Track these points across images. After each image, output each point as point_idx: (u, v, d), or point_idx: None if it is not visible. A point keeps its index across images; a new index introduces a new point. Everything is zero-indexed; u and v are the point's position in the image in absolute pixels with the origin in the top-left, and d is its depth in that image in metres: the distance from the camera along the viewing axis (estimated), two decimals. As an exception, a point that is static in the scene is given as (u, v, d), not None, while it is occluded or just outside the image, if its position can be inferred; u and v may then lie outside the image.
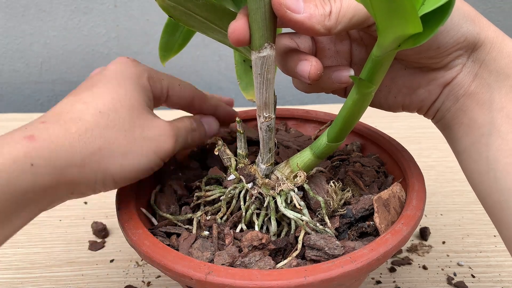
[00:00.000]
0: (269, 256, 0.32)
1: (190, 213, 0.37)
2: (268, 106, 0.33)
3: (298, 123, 0.50)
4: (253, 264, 0.31)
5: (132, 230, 0.33)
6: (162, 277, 0.47)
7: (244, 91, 0.44)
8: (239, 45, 0.30)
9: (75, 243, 0.52)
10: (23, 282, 0.46)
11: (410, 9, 0.22)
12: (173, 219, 0.37)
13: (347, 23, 0.29)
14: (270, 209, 0.34)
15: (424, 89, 0.34)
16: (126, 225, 0.33)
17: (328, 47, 0.35)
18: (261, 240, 0.33)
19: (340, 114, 0.32)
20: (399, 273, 0.46)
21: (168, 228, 0.36)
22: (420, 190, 0.35)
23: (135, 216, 0.34)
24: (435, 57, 0.31)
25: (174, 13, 0.32)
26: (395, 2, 0.22)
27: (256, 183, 0.35)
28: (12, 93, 0.96)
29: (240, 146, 0.38)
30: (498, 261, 0.48)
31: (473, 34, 0.30)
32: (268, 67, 0.30)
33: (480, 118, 0.31)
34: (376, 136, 0.44)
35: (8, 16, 0.88)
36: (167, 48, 0.42)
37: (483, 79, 0.31)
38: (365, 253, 0.29)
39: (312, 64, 0.30)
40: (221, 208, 0.36)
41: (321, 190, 0.36)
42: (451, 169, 0.64)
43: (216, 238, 0.34)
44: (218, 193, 0.37)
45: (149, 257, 0.30)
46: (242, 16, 0.29)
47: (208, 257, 0.32)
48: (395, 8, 0.22)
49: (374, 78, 0.29)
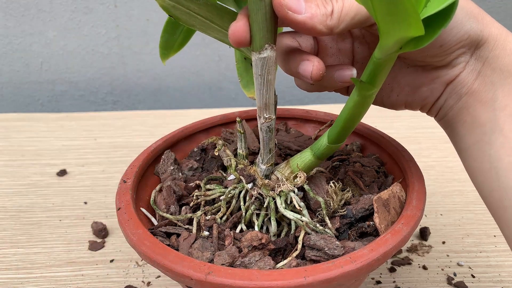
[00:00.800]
0: (269, 256, 0.32)
1: (190, 213, 0.37)
2: (268, 107, 0.33)
3: (298, 123, 0.50)
4: (253, 264, 0.31)
5: (132, 230, 0.33)
6: (162, 277, 0.47)
7: (245, 89, 0.44)
8: (240, 46, 0.30)
9: (75, 243, 0.52)
10: (23, 282, 0.46)
11: (412, 12, 0.22)
12: (173, 219, 0.37)
13: (349, 23, 0.29)
14: (270, 209, 0.34)
15: (427, 87, 0.33)
16: (126, 225, 0.33)
17: (330, 45, 0.35)
18: (261, 240, 0.33)
19: (341, 116, 0.32)
20: (399, 273, 0.46)
21: (168, 228, 0.36)
22: (420, 190, 0.35)
23: (135, 216, 0.34)
24: (438, 56, 0.31)
25: (174, 12, 0.32)
26: (397, 5, 0.22)
27: (256, 183, 0.35)
28: (12, 93, 0.96)
29: (241, 146, 0.38)
30: (498, 261, 0.48)
31: (476, 31, 0.30)
32: (268, 68, 0.30)
33: (483, 116, 0.31)
34: (376, 136, 0.44)
35: (8, 16, 0.88)
36: (168, 46, 0.42)
37: (486, 76, 0.31)
38: (365, 253, 0.29)
39: (314, 64, 0.30)
40: (221, 208, 0.36)
41: (321, 190, 0.36)
42: (451, 169, 0.64)
43: (216, 238, 0.34)
44: (218, 192, 0.37)
45: (149, 257, 0.30)
46: (243, 17, 0.29)
47: (208, 257, 0.32)
48: (396, 11, 0.22)
49: (375, 81, 0.29)
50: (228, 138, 0.47)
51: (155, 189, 0.40)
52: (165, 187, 0.39)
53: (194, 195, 0.38)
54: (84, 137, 0.75)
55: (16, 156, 0.70)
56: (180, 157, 0.45)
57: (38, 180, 0.64)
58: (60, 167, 0.67)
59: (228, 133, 0.47)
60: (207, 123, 0.48)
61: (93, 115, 0.83)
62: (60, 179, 0.64)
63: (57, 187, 0.62)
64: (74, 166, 0.67)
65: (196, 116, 0.63)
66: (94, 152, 0.71)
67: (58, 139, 0.75)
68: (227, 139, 0.47)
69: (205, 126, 0.48)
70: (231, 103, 0.98)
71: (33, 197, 0.60)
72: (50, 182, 0.63)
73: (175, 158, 0.43)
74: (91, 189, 0.62)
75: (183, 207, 0.38)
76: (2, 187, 0.62)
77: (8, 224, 0.55)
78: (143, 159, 0.41)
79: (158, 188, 0.40)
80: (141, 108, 0.98)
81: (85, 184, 0.63)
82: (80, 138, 0.75)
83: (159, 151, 0.44)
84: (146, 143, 0.47)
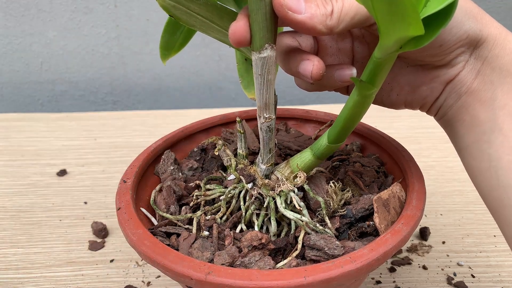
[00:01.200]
0: (269, 256, 0.32)
1: (190, 213, 0.37)
2: (268, 106, 0.33)
3: (298, 123, 0.50)
4: (253, 264, 0.31)
5: (132, 230, 0.33)
6: (162, 277, 0.47)
7: (246, 90, 0.44)
8: (240, 46, 0.30)
9: (75, 243, 0.52)
10: (23, 282, 0.46)
11: (412, 11, 0.22)
12: (173, 219, 0.37)
13: (349, 22, 0.29)
14: (270, 209, 0.35)
15: (427, 86, 0.33)
16: (126, 225, 0.33)
17: (329, 45, 0.35)
18: (261, 240, 0.33)
19: (341, 116, 0.32)
20: (399, 273, 0.46)
21: (168, 228, 0.36)
22: (420, 190, 0.35)
23: (135, 216, 0.34)
24: (438, 55, 0.31)
25: (174, 12, 0.32)
26: (397, 4, 0.22)
27: (256, 183, 0.35)
28: (12, 93, 0.96)
29: (241, 146, 0.38)
30: (498, 261, 0.48)
31: (475, 31, 0.30)
32: (268, 68, 0.30)
33: (482, 115, 0.31)
34: (376, 136, 0.44)
35: (8, 16, 0.88)
36: (168, 47, 0.42)
37: (485, 76, 0.31)
38: (365, 253, 0.29)
39: (314, 64, 0.30)
40: (221, 208, 0.36)
41: (321, 190, 0.36)
42: (451, 169, 0.64)
43: (216, 238, 0.34)
44: (218, 192, 0.37)
45: (149, 257, 0.30)
46: (243, 17, 0.29)
47: (208, 257, 0.32)
48: (396, 11, 0.22)
49: (375, 80, 0.29)
50: (228, 138, 0.47)
51: (155, 189, 0.40)
52: (165, 187, 0.39)
53: (194, 195, 0.38)
54: (84, 137, 0.75)
55: (16, 156, 0.70)
56: (180, 157, 0.45)
57: (38, 180, 0.64)
58: (60, 167, 0.67)
59: (228, 133, 0.47)
60: (207, 123, 0.48)
61: (93, 115, 0.83)
62: (60, 179, 0.64)
63: (57, 187, 0.62)
64: (74, 166, 0.67)
65: (196, 116, 0.63)
66: (94, 152, 0.71)
67: (58, 139, 0.75)
68: (227, 139, 0.47)
69: (205, 126, 0.48)
70: (231, 103, 0.98)
71: (33, 197, 0.60)
72: (50, 182, 0.63)
73: (175, 158, 0.43)
74: (91, 189, 0.62)
75: (183, 207, 0.38)
76: (2, 187, 0.62)
77: (8, 224, 0.55)
78: (143, 159, 0.41)
79: (158, 188, 0.40)
80: (141, 108, 0.98)
81: (85, 184, 0.63)
82: (80, 138, 0.75)
83: (159, 151, 0.44)
84: (146, 143, 0.47)
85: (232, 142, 0.46)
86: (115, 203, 0.36)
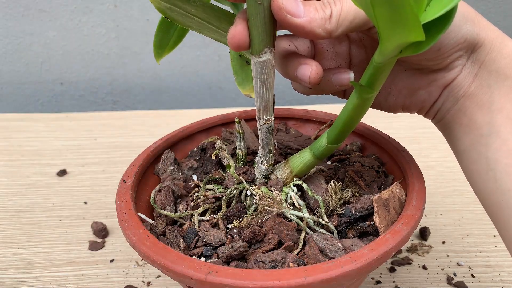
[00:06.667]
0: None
1: (190, 210, 0.37)
2: (268, 109, 0.33)
3: (298, 123, 0.50)
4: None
5: (132, 230, 0.33)
6: (162, 277, 0.47)
7: (240, 86, 0.44)
8: (239, 50, 0.30)
9: (75, 243, 0.52)
10: (23, 282, 0.46)
11: (413, 18, 0.22)
12: (175, 217, 0.37)
13: (348, 26, 0.29)
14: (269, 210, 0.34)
15: (424, 90, 0.34)
16: (126, 225, 0.33)
17: (327, 48, 0.35)
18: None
19: (340, 117, 0.32)
20: (399, 273, 0.47)
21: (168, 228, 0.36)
22: (420, 190, 0.35)
23: (135, 216, 0.34)
24: (436, 59, 0.31)
25: (170, 14, 0.32)
26: (398, 10, 0.22)
27: (255, 183, 0.35)
28: (12, 93, 0.96)
29: (240, 146, 0.38)
30: (498, 261, 0.48)
31: (472, 35, 0.30)
32: (267, 72, 0.30)
33: (480, 118, 0.31)
34: (376, 136, 0.44)
35: (8, 16, 0.88)
36: (161, 45, 0.42)
37: (483, 79, 0.31)
38: (365, 253, 0.29)
39: (312, 68, 0.30)
40: (222, 208, 0.36)
41: (320, 189, 0.36)
42: (451, 169, 0.64)
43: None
44: (218, 192, 0.37)
45: (149, 257, 0.30)
46: (241, 21, 0.29)
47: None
48: (397, 17, 0.22)
49: (374, 84, 0.29)
50: (228, 138, 0.47)
51: (155, 189, 0.40)
52: (164, 187, 0.39)
53: (194, 195, 0.38)
54: (84, 137, 0.75)
55: (16, 156, 0.70)
56: (180, 157, 0.45)
57: (38, 180, 0.64)
58: (60, 167, 0.67)
59: (228, 133, 0.47)
60: (207, 123, 0.48)
61: (93, 115, 0.83)
62: (60, 179, 0.64)
63: (57, 187, 0.62)
64: (74, 166, 0.67)
65: (196, 116, 0.63)
66: (94, 152, 0.71)
67: (58, 139, 0.75)
68: (227, 139, 0.47)
69: (205, 126, 0.48)
70: (231, 103, 0.98)
71: (33, 197, 0.60)
72: (50, 182, 0.63)
73: (175, 158, 0.43)
74: (91, 189, 0.62)
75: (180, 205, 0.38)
76: (2, 187, 0.62)
77: (8, 224, 0.55)
78: (143, 159, 0.41)
79: (157, 188, 0.40)
80: (141, 108, 0.98)
81: (85, 184, 0.63)
82: (80, 138, 0.75)
83: (159, 151, 0.44)
84: (146, 143, 0.47)
85: (232, 142, 0.46)
86: (115, 203, 0.36)
